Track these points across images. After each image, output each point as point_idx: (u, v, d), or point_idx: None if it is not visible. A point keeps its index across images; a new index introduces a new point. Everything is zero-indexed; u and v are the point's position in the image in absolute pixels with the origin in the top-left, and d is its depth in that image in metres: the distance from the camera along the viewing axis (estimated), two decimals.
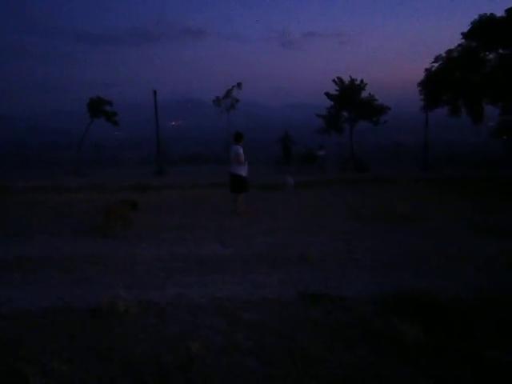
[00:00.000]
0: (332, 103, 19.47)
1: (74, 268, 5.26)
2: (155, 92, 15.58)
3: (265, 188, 12.26)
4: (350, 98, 18.65)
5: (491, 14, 20.88)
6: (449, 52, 21.54)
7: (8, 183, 13.02)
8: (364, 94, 19.08)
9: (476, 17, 20.82)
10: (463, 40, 21.11)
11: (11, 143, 39.90)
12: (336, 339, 3.40)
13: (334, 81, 19.00)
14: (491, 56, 20.96)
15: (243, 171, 8.92)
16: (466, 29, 21.04)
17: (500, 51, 20.99)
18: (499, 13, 20.53)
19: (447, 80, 20.69)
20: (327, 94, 19.32)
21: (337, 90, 19.18)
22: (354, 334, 3.48)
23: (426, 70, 22.17)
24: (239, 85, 16.73)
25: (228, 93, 16.81)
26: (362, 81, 19.06)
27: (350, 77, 18.93)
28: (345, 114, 19.51)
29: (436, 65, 21.90)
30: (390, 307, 3.97)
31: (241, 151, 8.89)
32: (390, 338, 3.35)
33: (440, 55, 21.78)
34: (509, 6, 20.28)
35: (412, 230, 7.22)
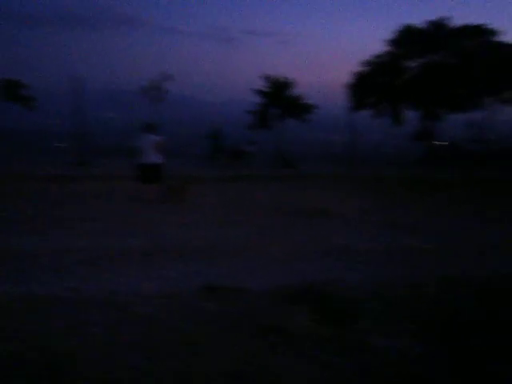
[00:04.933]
0: (261, 100, 19.66)
1: None
2: (78, 79, 14.73)
3: (190, 181, 12.03)
4: (278, 96, 18.92)
5: (413, 24, 22.21)
6: (375, 57, 22.64)
7: None
8: (292, 93, 19.45)
9: (400, 26, 22.11)
10: (388, 47, 22.32)
11: None
12: (227, 332, 3.33)
13: (263, 78, 19.20)
14: (412, 64, 22.37)
15: (161, 159, 8.90)
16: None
17: (420, 60, 22.43)
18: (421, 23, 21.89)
19: (372, 84, 21.73)
20: (256, 90, 19.45)
21: (266, 88, 19.39)
22: (247, 327, 3.44)
23: (354, 73, 23.17)
24: (169, 76, 16.30)
25: (156, 84, 16.31)
26: (290, 79, 19.43)
27: (279, 75, 19.26)
28: (274, 111, 19.77)
29: (363, 69, 22.95)
30: (289, 299, 4.00)
31: (161, 139, 8.97)
32: (280, 329, 3.35)
33: (367, 60, 22.85)
34: (431, 18, 21.77)
35: (328, 225, 7.40)
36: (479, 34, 21.09)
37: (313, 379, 2.76)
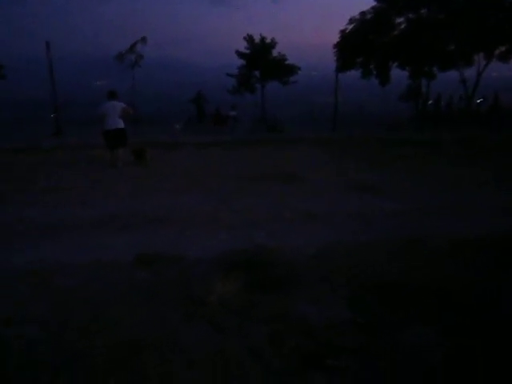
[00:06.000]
0: (243, 62, 19.09)
1: None
2: (48, 44, 14.18)
3: (166, 147, 11.82)
4: (260, 57, 18.34)
5: None
6: (362, 14, 21.79)
7: None
8: (274, 54, 18.87)
9: None
10: (376, 2, 21.44)
11: None
12: (147, 301, 3.25)
13: (244, 39, 18.55)
14: (401, 20, 21.57)
15: (124, 125, 9.10)
16: None
17: (409, 16, 21.61)
18: None
19: (359, 42, 21.01)
20: (238, 52, 18.84)
21: (247, 49, 18.76)
22: (170, 296, 3.34)
23: (341, 31, 22.37)
24: (143, 39, 15.71)
25: (132, 48, 15.75)
26: (272, 39, 18.78)
27: (261, 35, 18.59)
28: (256, 73, 19.21)
29: (350, 27, 22.18)
30: (225, 266, 3.90)
31: (125, 105, 9.19)
32: (202, 298, 3.26)
33: (354, 17, 22.02)
34: None
35: (294, 190, 7.22)
36: None
37: (217, 348, 2.68)
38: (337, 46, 22.22)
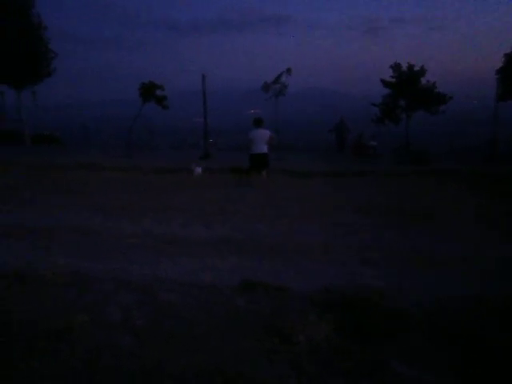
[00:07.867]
0: (388, 91, 18.32)
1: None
2: (204, 77, 15.76)
3: (298, 175, 11.94)
4: (407, 86, 17.40)
5: None
6: None
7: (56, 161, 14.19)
8: (423, 82, 17.66)
9: None
10: None
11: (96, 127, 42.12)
12: (235, 330, 3.21)
13: (391, 67, 17.85)
14: None
15: (268, 150, 10.33)
16: None
17: None
18: None
19: None
20: (383, 80, 18.19)
21: (393, 77, 17.99)
22: (259, 328, 3.26)
23: (506, 55, 19.97)
24: (289, 70, 16.34)
25: (277, 79, 16.51)
26: (422, 67, 17.67)
27: (408, 63, 17.65)
28: (402, 102, 18.24)
29: None
30: (324, 304, 3.67)
31: (271, 133, 10.45)
32: (289, 335, 3.09)
33: None
34: None
35: (422, 230, 6.54)
36: None
37: None
38: (500, 71, 19.85)
